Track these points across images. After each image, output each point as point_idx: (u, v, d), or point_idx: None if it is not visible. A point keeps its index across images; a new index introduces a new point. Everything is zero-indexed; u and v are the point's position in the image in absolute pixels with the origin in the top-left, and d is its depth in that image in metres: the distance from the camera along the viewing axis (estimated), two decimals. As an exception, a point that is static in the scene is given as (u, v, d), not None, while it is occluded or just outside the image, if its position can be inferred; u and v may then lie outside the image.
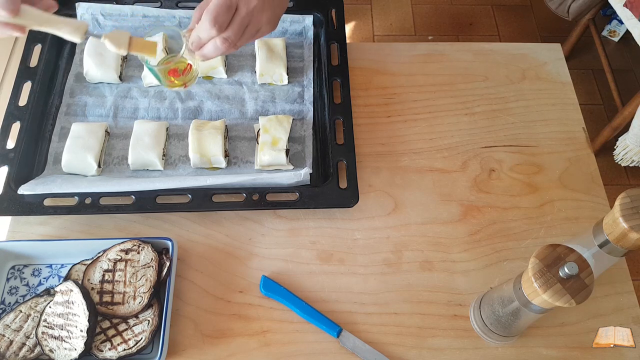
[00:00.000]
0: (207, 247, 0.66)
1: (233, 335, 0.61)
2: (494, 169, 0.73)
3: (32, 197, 0.65)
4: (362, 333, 0.61)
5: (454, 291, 0.64)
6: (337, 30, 0.79)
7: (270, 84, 0.77)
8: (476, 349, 0.61)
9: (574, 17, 1.51)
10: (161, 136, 0.70)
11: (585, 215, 0.70)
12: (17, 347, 0.56)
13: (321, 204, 0.66)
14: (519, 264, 0.66)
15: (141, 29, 0.79)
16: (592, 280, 0.44)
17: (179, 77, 0.63)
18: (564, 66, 0.82)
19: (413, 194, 0.71)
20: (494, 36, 1.90)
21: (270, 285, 0.63)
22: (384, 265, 0.66)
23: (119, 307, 0.58)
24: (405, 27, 1.90)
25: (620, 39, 1.83)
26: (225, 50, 0.57)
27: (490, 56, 0.83)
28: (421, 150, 0.74)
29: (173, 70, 0.62)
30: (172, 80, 0.63)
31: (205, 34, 0.56)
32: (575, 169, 0.73)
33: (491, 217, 0.69)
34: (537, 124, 0.77)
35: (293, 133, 0.73)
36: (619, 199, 0.49)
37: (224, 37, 0.56)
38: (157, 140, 0.69)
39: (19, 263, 0.64)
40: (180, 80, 0.64)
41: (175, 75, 0.63)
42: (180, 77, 0.63)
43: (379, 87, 0.80)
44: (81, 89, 0.76)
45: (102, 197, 0.65)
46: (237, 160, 0.72)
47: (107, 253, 0.61)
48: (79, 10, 0.78)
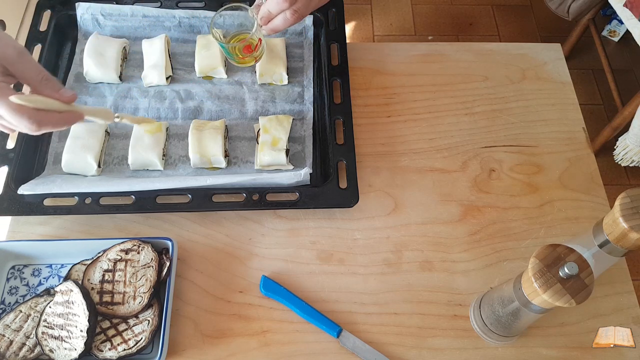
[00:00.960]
0: (207, 247, 0.66)
1: (233, 335, 0.61)
2: (494, 169, 0.73)
3: (32, 197, 0.65)
4: (362, 333, 0.61)
5: (454, 291, 0.64)
6: (337, 30, 0.79)
7: (270, 84, 0.77)
8: (476, 349, 0.61)
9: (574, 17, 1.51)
10: (161, 136, 0.70)
11: (585, 215, 0.70)
12: (17, 347, 0.57)
13: (321, 204, 0.66)
14: (519, 264, 0.66)
15: (141, 29, 0.79)
16: (592, 280, 0.44)
17: (251, 53, 0.67)
18: (564, 66, 0.82)
19: (413, 194, 0.71)
20: (494, 36, 1.90)
21: (270, 285, 0.63)
22: (384, 265, 0.66)
23: (119, 307, 0.58)
24: (405, 27, 1.90)
25: (620, 39, 1.83)
26: (294, 22, 0.60)
27: (490, 56, 0.83)
28: (421, 150, 0.74)
29: (247, 47, 0.65)
30: (244, 56, 0.67)
31: (276, 7, 0.59)
32: (575, 169, 0.73)
33: (491, 217, 0.69)
34: (537, 124, 0.77)
35: (293, 133, 0.73)
36: (619, 199, 0.49)
37: (294, 9, 0.59)
38: (157, 140, 0.69)
39: (19, 263, 0.64)
40: (252, 56, 0.68)
41: (249, 51, 0.66)
42: (252, 53, 0.67)
43: (379, 87, 0.80)
44: (81, 89, 0.76)
45: (102, 197, 0.65)
46: (237, 160, 0.72)
47: (107, 253, 0.61)
48: (79, 10, 0.78)
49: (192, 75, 0.77)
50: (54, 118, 0.51)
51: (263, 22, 0.62)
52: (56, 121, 0.51)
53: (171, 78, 0.76)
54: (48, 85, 0.51)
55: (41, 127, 0.50)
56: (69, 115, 0.53)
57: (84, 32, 0.79)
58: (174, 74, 0.77)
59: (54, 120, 0.51)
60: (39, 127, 0.49)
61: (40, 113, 0.50)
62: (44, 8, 0.79)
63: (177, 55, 0.79)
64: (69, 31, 0.79)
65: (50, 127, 0.51)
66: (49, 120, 0.50)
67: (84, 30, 0.79)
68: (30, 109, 0.49)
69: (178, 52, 0.79)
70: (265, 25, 0.63)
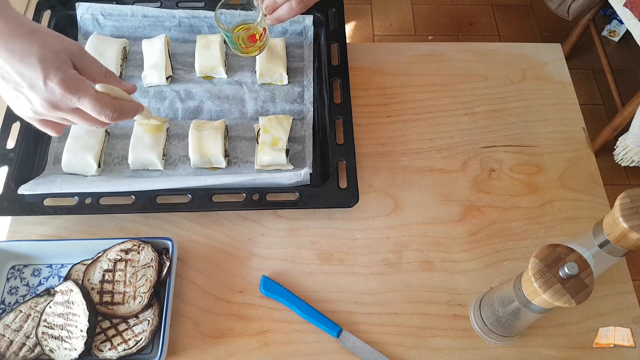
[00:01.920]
0: (207, 247, 0.66)
1: (233, 335, 0.61)
2: (494, 169, 0.73)
3: (32, 197, 0.65)
4: (362, 333, 0.61)
5: (454, 291, 0.64)
6: (337, 30, 0.79)
7: (270, 84, 0.77)
8: (476, 349, 0.61)
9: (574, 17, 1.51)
10: (161, 136, 0.70)
11: (585, 215, 0.70)
12: (17, 347, 0.56)
13: (321, 204, 0.66)
14: (519, 264, 0.66)
15: (141, 29, 0.79)
16: (592, 280, 0.44)
17: (255, 43, 0.67)
18: (564, 66, 0.82)
19: (413, 194, 0.71)
20: (494, 36, 1.90)
21: (270, 285, 0.63)
22: (384, 265, 0.66)
23: (119, 307, 0.58)
24: (405, 27, 1.90)
25: (620, 39, 1.83)
26: (299, 11, 0.61)
27: (490, 56, 0.83)
28: (421, 150, 0.74)
29: (252, 36, 0.66)
30: (248, 46, 0.67)
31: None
32: (575, 169, 0.73)
33: (491, 217, 0.69)
34: (537, 124, 0.77)
35: (293, 133, 0.73)
36: (619, 199, 0.49)
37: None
38: (157, 140, 0.69)
39: (19, 263, 0.64)
40: (256, 46, 0.68)
41: (253, 40, 0.66)
42: (256, 43, 0.67)
43: (379, 87, 0.80)
44: (81, 89, 0.75)
45: (102, 197, 0.65)
46: (237, 160, 0.72)
47: (107, 253, 0.61)
48: (79, 10, 0.78)
49: (192, 75, 0.77)
50: (128, 107, 0.53)
51: (268, 11, 0.63)
52: (129, 110, 0.53)
53: (171, 78, 0.76)
54: (112, 78, 0.53)
55: (120, 115, 0.51)
56: (135, 105, 0.55)
57: (84, 32, 0.79)
58: (174, 74, 0.77)
59: (128, 109, 0.53)
60: (119, 115, 0.51)
61: (118, 101, 0.51)
62: (44, 8, 0.79)
63: (177, 55, 0.79)
64: (69, 31, 0.79)
65: (125, 117, 0.52)
66: (125, 109, 0.52)
67: (84, 30, 0.79)
68: (112, 99, 0.51)
69: (178, 52, 0.79)
70: (270, 14, 0.63)
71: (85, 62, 0.51)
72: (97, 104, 0.49)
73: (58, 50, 0.48)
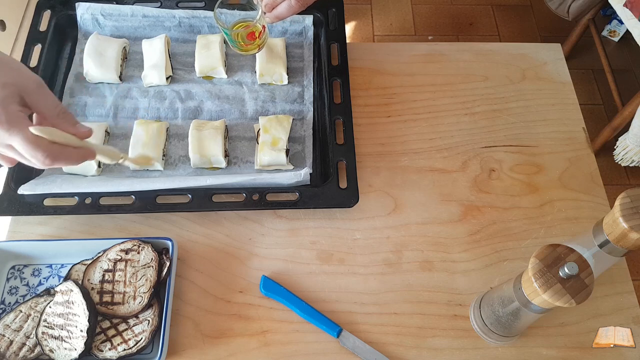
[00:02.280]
0: (207, 247, 0.66)
1: (233, 335, 0.61)
2: (494, 169, 0.73)
3: (32, 197, 0.65)
4: (362, 333, 0.61)
5: (454, 291, 0.64)
6: (337, 30, 0.79)
7: (270, 84, 0.77)
8: (476, 349, 0.61)
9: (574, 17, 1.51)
10: (161, 136, 0.70)
11: (585, 215, 0.70)
12: (17, 347, 0.57)
13: (321, 204, 0.66)
14: (519, 264, 0.66)
15: (141, 29, 0.79)
16: (592, 280, 0.44)
17: (254, 40, 0.67)
18: (564, 66, 0.82)
19: (413, 194, 0.71)
20: (494, 36, 1.90)
21: (270, 285, 0.63)
22: (384, 265, 0.66)
23: (119, 307, 0.58)
24: (405, 27, 1.90)
25: (620, 39, 1.83)
26: (298, 9, 0.61)
27: (490, 56, 0.83)
28: (421, 150, 0.74)
29: (251, 34, 0.66)
30: (247, 44, 0.67)
31: None
32: (575, 169, 0.73)
33: (491, 217, 0.69)
34: (537, 124, 0.77)
35: (293, 133, 0.73)
36: (619, 199, 0.49)
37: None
38: (157, 140, 0.69)
39: (19, 263, 0.64)
40: (255, 44, 0.68)
41: (252, 38, 0.66)
42: (256, 40, 0.67)
43: (379, 87, 0.80)
44: (81, 89, 0.76)
45: (102, 197, 0.65)
46: (237, 160, 0.72)
47: (107, 253, 0.61)
48: (79, 10, 0.78)
49: (192, 75, 0.77)
50: (68, 153, 0.49)
51: (267, 9, 0.63)
52: (70, 157, 0.49)
53: (171, 78, 0.76)
54: (65, 119, 0.49)
55: (55, 161, 0.47)
56: (83, 152, 0.50)
57: (84, 32, 0.79)
58: (174, 74, 0.77)
59: (68, 155, 0.48)
60: (52, 161, 0.47)
61: (56, 147, 0.47)
62: (44, 8, 0.79)
63: (177, 55, 0.79)
64: (69, 31, 0.79)
65: (62, 163, 0.48)
66: (63, 155, 0.48)
67: (84, 30, 0.79)
68: (47, 142, 0.47)
69: (178, 52, 0.79)
70: (269, 12, 0.63)
71: (38, 100, 0.48)
72: (28, 145, 0.45)
73: (6, 83, 0.46)
